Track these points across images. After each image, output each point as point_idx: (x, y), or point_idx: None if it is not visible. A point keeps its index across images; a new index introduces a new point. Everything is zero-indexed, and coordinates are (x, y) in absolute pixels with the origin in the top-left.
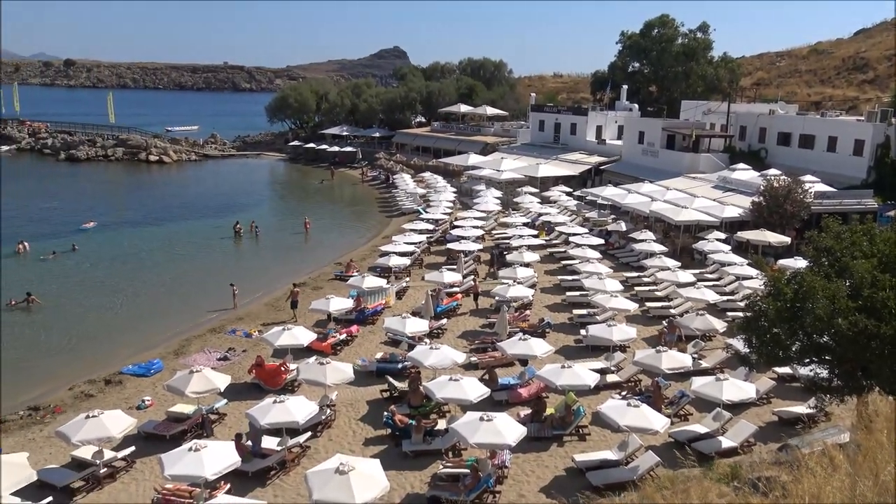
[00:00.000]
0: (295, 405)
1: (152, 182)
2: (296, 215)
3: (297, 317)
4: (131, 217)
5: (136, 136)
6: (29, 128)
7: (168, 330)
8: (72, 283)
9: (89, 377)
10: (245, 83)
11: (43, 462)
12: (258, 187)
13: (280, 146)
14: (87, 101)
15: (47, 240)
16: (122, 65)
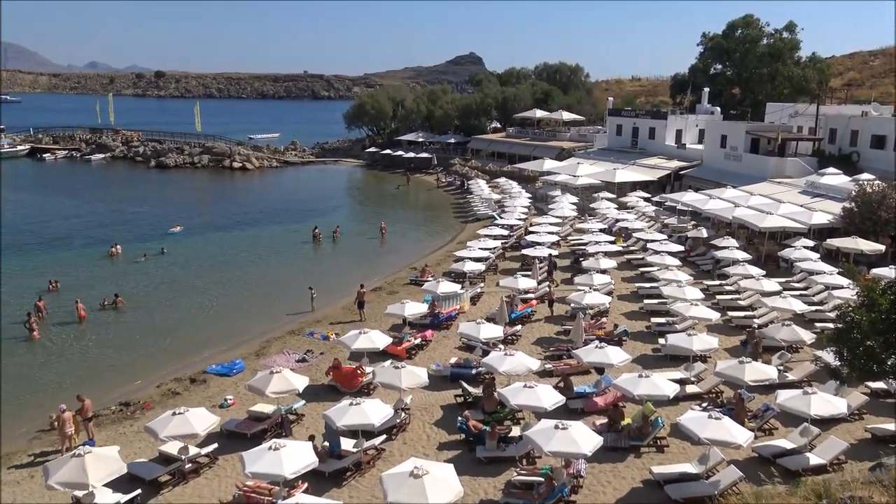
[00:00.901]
0: (370, 408)
1: (235, 188)
2: (372, 220)
3: (363, 317)
4: (215, 222)
5: (221, 143)
6: (122, 137)
7: (249, 331)
8: (160, 285)
9: (176, 375)
10: (324, 91)
11: (133, 456)
12: (336, 193)
13: (357, 152)
14: (175, 111)
15: (138, 243)
16: (209, 75)
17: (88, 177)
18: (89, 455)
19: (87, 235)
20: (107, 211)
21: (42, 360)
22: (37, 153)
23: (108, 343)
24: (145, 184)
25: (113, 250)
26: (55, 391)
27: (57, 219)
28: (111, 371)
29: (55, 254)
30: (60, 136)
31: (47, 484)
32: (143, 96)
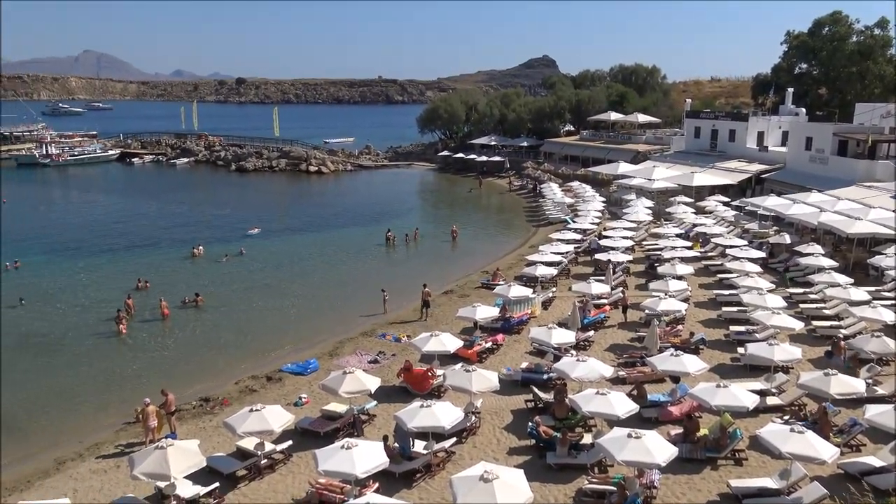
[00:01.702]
0: (441, 410)
1: (311, 191)
2: (444, 224)
3: (427, 316)
4: (292, 224)
5: (298, 148)
6: (205, 141)
7: (323, 332)
8: (239, 285)
9: (253, 373)
10: (398, 96)
11: (212, 449)
12: (409, 196)
13: (430, 156)
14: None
15: (219, 244)
16: (286, 81)
17: (173, 180)
18: (171, 448)
19: (172, 237)
20: (190, 213)
21: (128, 355)
22: (126, 158)
23: (189, 340)
24: (226, 187)
25: (195, 251)
26: (140, 385)
27: (144, 220)
28: (192, 367)
29: (142, 254)
30: (148, 141)
31: (132, 474)
32: (224, 102)
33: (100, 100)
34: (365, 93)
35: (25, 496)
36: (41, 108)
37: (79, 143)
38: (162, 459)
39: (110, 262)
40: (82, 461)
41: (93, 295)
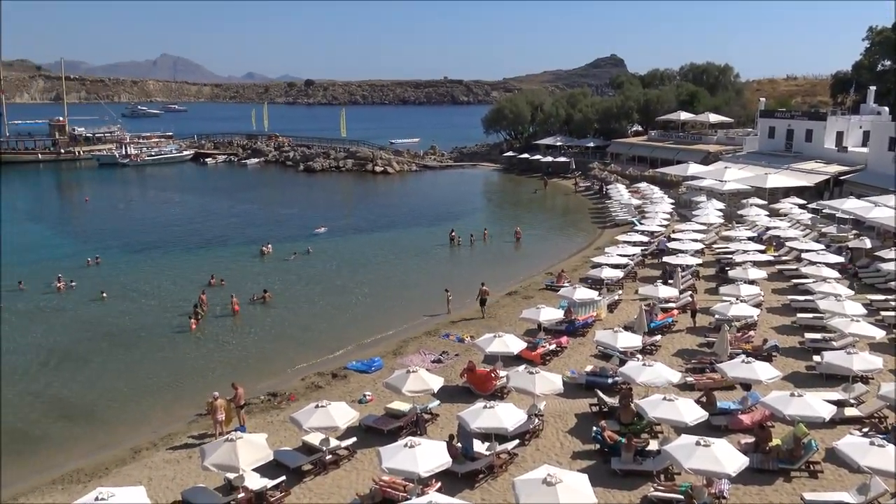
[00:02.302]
0: (504, 412)
1: (377, 191)
2: (508, 224)
3: (483, 313)
4: (357, 223)
5: (364, 148)
6: (275, 142)
7: (388, 330)
8: (306, 283)
9: (319, 370)
10: (463, 96)
11: (278, 444)
12: (473, 197)
13: (495, 157)
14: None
15: (287, 243)
16: (354, 83)
17: (244, 180)
18: (240, 440)
19: (242, 235)
20: (259, 212)
21: (200, 349)
22: (200, 158)
23: (258, 336)
24: (294, 187)
25: (264, 249)
26: (211, 378)
27: (216, 219)
28: (261, 362)
29: (214, 251)
30: (220, 142)
31: (203, 465)
32: (293, 104)
33: (176, 102)
34: (430, 93)
35: (103, 482)
36: (121, 110)
37: (156, 143)
38: (231, 452)
39: (184, 258)
40: (157, 451)
41: (168, 290)
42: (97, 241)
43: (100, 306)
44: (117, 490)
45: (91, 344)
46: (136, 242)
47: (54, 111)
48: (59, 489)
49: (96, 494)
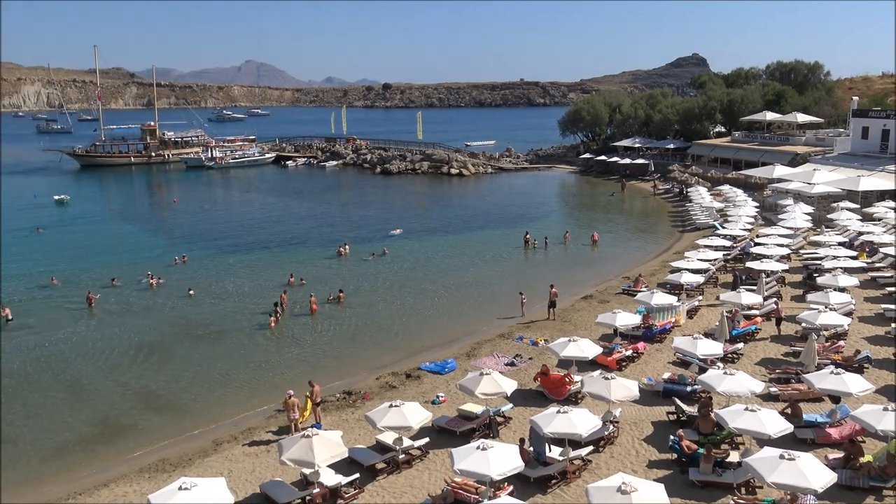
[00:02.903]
0: (578, 417)
1: (452, 193)
2: (584, 227)
3: (553, 315)
4: (432, 225)
5: (440, 151)
6: (353, 145)
7: (461, 332)
8: (381, 284)
9: (393, 370)
10: (539, 98)
11: (353, 441)
12: (548, 199)
13: (571, 159)
14: (399, 120)
15: (363, 244)
16: (430, 86)
17: (322, 182)
18: (316, 437)
19: (320, 235)
20: (337, 213)
21: (279, 346)
22: (281, 160)
23: (334, 335)
24: (371, 189)
25: (341, 250)
26: (290, 375)
27: (295, 220)
28: (336, 361)
29: (293, 251)
30: (300, 145)
31: (280, 459)
32: (371, 107)
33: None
34: (507, 95)
35: (187, 472)
36: (208, 114)
37: (239, 147)
38: (307, 448)
39: (265, 258)
40: (237, 444)
41: (248, 288)
42: (184, 241)
43: (186, 303)
44: (200, 480)
45: (177, 339)
46: (219, 242)
47: (146, 116)
48: (145, 477)
49: (180, 484)
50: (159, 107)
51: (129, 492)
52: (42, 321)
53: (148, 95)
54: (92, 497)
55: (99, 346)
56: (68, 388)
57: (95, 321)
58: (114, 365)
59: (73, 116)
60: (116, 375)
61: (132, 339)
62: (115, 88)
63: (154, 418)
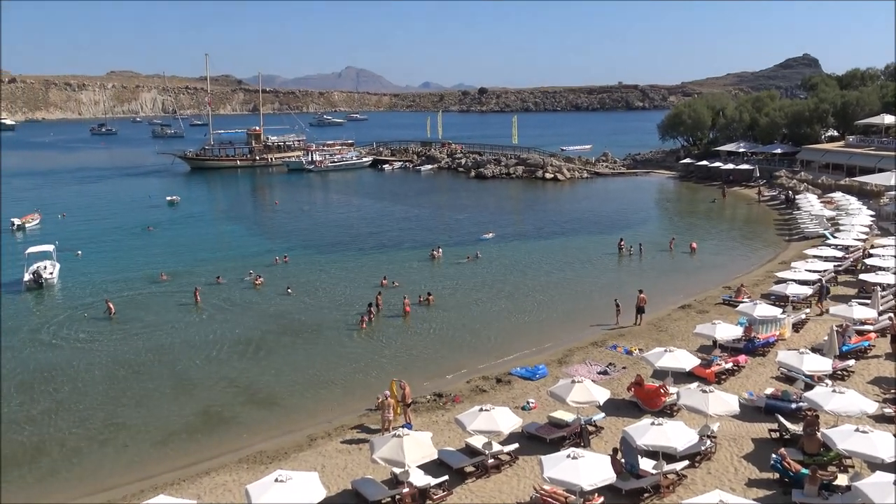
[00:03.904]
0: (673, 430)
1: (546, 198)
2: (683, 234)
3: (640, 321)
4: (525, 230)
5: (535, 155)
6: (448, 149)
7: (553, 338)
8: (474, 287)
9: (483, 374)
10: (638, 101)
11: (442, 443)
12: (645, 205)
13: (670, 164)
14: (494, 125)
15: (456, 247)
16: (526, 90)
17: (418, 185)
18: (407, 437)
19: (414, 238)
20: (431, 217)
21: (373, 346)
22: (377, 164)
23: (427, 337)
24: (465, 192)
25: (435, 253)
26: (383, 375)
27: (391, 222)
28: (428, 363)
29: (388, 253)
30: (397, 149)
31: (372, 457)
32: (467, 112)
33: (357, 111)
34: (604, 99)
35: (282, 465)
36: (309, 119)
37: (338, 150)
38: (398, 447)
39: (360, 259)
40: (330, 440)
41: (344, 289)
42: (284, 241)
43: (285, 301)
44: (294, 474)
45: (276, 336)
46: (317, 243)
47: (252, 121)
48: (244, 468)
49: (276, 476)
50: (264, 112)
51: (229, 481)
52: (152, 314)
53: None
54: (194, 484)
55: (204, 340)
56: (175, 378)
57: (201, 316)
58: (217, 359)
59: (185, 121)
60: (219, 369)
61: (234, 334)
62: (223, 95)
63: (253, 412)
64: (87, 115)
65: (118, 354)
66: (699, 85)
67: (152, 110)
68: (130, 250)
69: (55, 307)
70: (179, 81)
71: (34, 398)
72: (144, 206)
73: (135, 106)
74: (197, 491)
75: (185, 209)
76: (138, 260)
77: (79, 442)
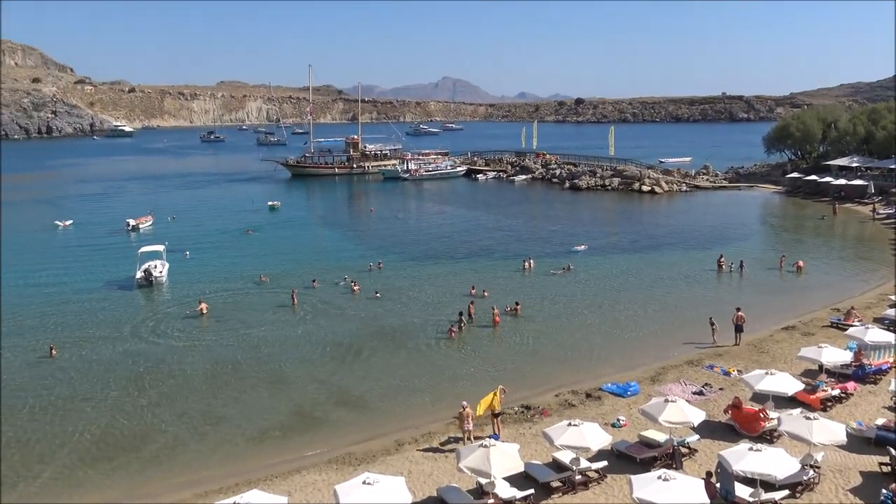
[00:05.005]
0: (773, 457)
1: (642, 211)
2: (788, 252)
3: (739, 341)
4: (619, 243)
5: (632, 167)
6: (542, 160)
7: (645, 355)
8: (565, 300)
9: (572, 388)
10: (742, 113)
11: (529, 456)
12: (747, 220)
13: (776, 178)
14: (590, 135)
15: (548, 258)
16: (624, 101)
17: (511, 196)
18: (494, 448)
19: (506, 249)
20: (523, 227)
21: (462, 355)
22: (471, 174)
23: (515, 348)
24: (558, 204)
25: (526, 264)
26: (470, 384)
27: (482, 232)
28: (516, 374)
29: (479, 263)
30: (491, 159)
31: (458, 466)
32: (562, 122)
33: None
34: (706, 110)
35: (370, 468)
36: (406, 128)
37: (433, 160)
38: (485, 458)
39: (451, 267)
40: (417, 446)
41: (433, 296)
42: (379, 248)
43: (377, 306)
44: (381, 477)
45: (368, 341)
46: (410, 250)
47: (350, 130)
48: (333, 468)
49: (364, 478)
50: (362, 121)
51: (318, 480)
52: (251, 314)
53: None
54: (285, 481)
55: (298, 341)
56: (270, 377)
57: (297, 318)
58: (310, 360)
59: (287, 130)
60: (312, 370)
61: (328, 337)
62: (324, 104)
63: (343, 414)
64: (197, 122)
65: (218, 351)
66: (809, 96)
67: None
68: (233, 252)
69: (163, 304)
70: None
71: (142, 389)
72: (247, 210)
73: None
74: (288, 488)
75: (285, 214)
76: (240, 261)
77: (179, 433)
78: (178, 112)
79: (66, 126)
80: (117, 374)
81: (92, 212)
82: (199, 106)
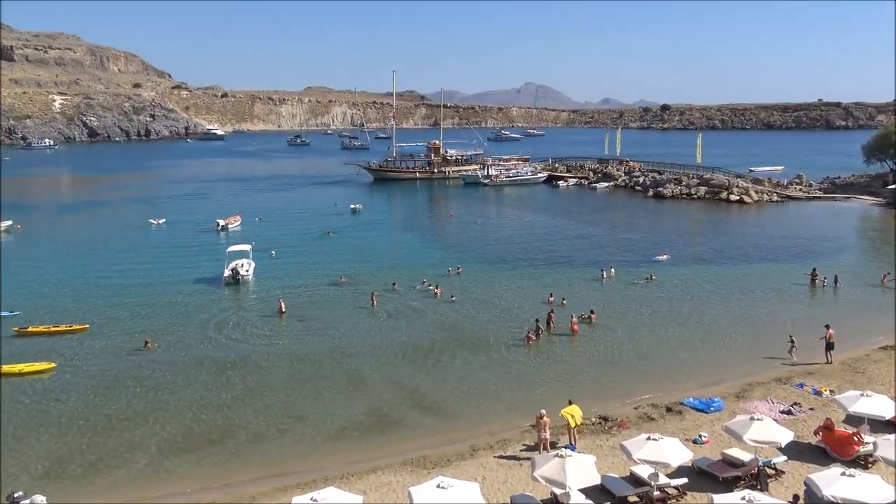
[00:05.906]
0: (867, 484)
1: (729, 221)
2: (888, 268)
3: (830, 359)
4: (704, 253)
5: (720, 175)
6: (626, 167)
7: (730, 370)
8: (647, 310)
9: (653, 401)
10: (840, 120)
11: (605, 469)
12: (843, 233)
13: (875, 189)
14: (676, 143)
15: (629, 267)
16: (713, 107)
17: (592, 203)
18: (569, 458)
19: (586, 256)
20: (604, 235)
21: (539, 363)
22: (552, 180)
23: (594, 358)
24: (641, 212)
25: (604, 273)
26: (547, 393)
27: (562, 239)
28: (595, 384)
29: (558, 270)
30: (573, 165)
31: (532, 475)
32: (647, 129)
33: (535, 127)
34: (800, 117)
35: (444, 472)
36: (488, 134)
37: (514, 165)
38: (560, 468)
39: (529, 274)
40: (492, 453)
41: (511, 302)
42: (457, 252)
43: (455, 311)
44: (456, 482)
45: (445, 344)
46: (489, 256)
47: (432, 135)
48: (408, 470)
49: (438, 482)
50: (444, 126)
51: (393, 481)
52: (331, 314)
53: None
54: (361, 480)
55: (377, 343)
56: (349, 377)
57: (376, 320)
58: (389, 362)
59: (371, 134)
60: (390, 372)
61: (406, 340)
62: (407, 109)
63: (419, 417)
64: (285, 126)
65: (300, 350)
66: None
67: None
68: (315, 253)
69: (248, 302)
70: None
71: (228, 384)
72: (330, 213)
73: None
74: (363, 487)
75: (367, 217)
76: (322, 262)
77: (261, 428)
78: (266, 116)
79: (163, 129)
80: (203, 369)
81: (183, 211)
82: (286, 110)
